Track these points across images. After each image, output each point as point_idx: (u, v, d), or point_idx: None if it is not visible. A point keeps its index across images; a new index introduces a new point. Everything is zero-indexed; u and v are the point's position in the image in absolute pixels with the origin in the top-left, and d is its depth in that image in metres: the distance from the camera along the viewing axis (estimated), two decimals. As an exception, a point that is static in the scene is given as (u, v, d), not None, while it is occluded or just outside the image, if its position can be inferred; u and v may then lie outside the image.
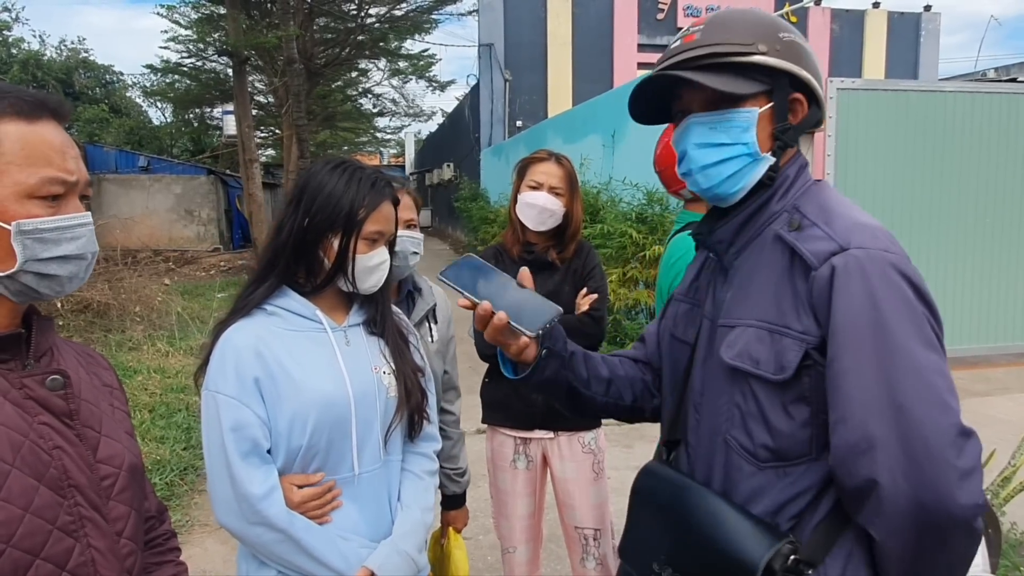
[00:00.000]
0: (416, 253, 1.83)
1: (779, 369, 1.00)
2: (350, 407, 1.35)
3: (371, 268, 1.38)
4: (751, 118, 1.07)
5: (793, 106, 1.09)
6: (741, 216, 1.11)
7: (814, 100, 1.11)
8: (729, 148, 1.08)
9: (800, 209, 1.07)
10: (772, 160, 1.08)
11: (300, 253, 1.36)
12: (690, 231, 1.25)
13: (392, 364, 1.44)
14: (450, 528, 2.07)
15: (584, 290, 2.18)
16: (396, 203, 1.43)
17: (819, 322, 0.98)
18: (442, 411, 2.02)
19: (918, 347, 0.93)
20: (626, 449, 4.44)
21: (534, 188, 2.13)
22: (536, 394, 1.31)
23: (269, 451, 1.32)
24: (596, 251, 2.31)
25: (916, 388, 0.91)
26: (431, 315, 1.96)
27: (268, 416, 1.31)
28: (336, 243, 1.34)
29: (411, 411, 1.46)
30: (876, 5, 18.78)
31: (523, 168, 2.20)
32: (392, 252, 1.46)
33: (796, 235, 1.04)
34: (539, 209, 2.11)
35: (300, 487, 1.33)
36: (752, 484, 1.05)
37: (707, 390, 1.13)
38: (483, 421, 2.31)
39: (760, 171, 1.08)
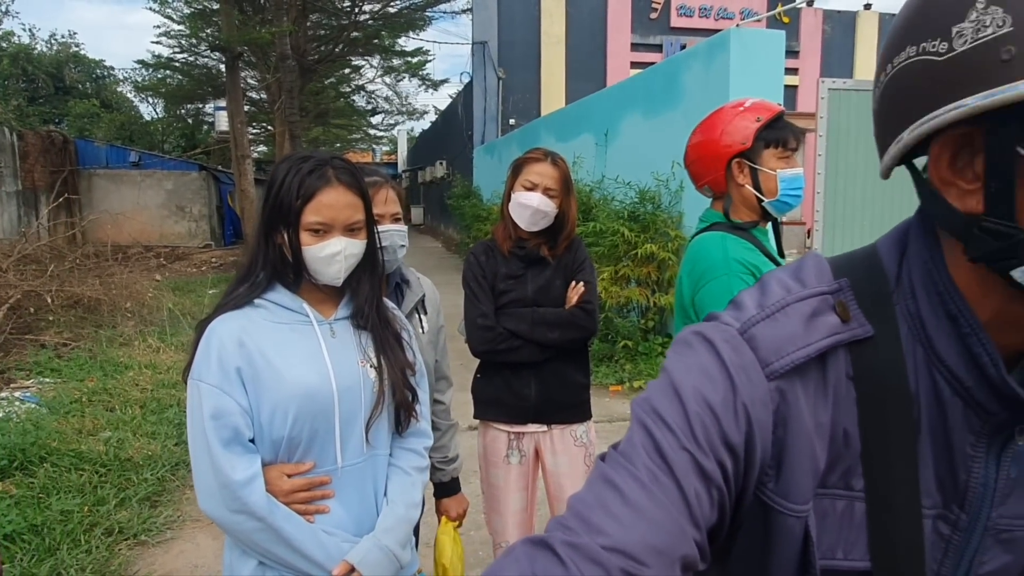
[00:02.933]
0: (403, 246, 1.84)
1: None
2: (333, 399, 1.35)
3: (323, 259, 1.35)
4: None
5: None
6: None
7: None
8: None
9: None
10: None
11: (267, 250, 1.37)
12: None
13: (380, 358, 1.44)
14: (442, 517, 2.08)
15: (574, 283, 2.20)
16: (359, 190, 1.38)
17: None
18: (433, 401, 2.03)
19: None
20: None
21: (528, 189, 2.13)
22: None
23: (252, 440, 1.32)
24: (585, 245, 2.32)
25: None
26: (420, 306, 1.96)
27: (251, 405, 1.31)
28: (286, 237, 1.34)
29: (396, 406, 1.46)
30: (868, 7, 18.87)
31: (518, 166, 2.20)
32: (373, 243, 1.44)
33: None
34: (532, 210, 2.12)
35: (290, 476, 1.34)
36: None
37: None
38: (475, 416, 2.32)
39: None
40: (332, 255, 1.35)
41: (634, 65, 16.27)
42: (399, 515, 1.44)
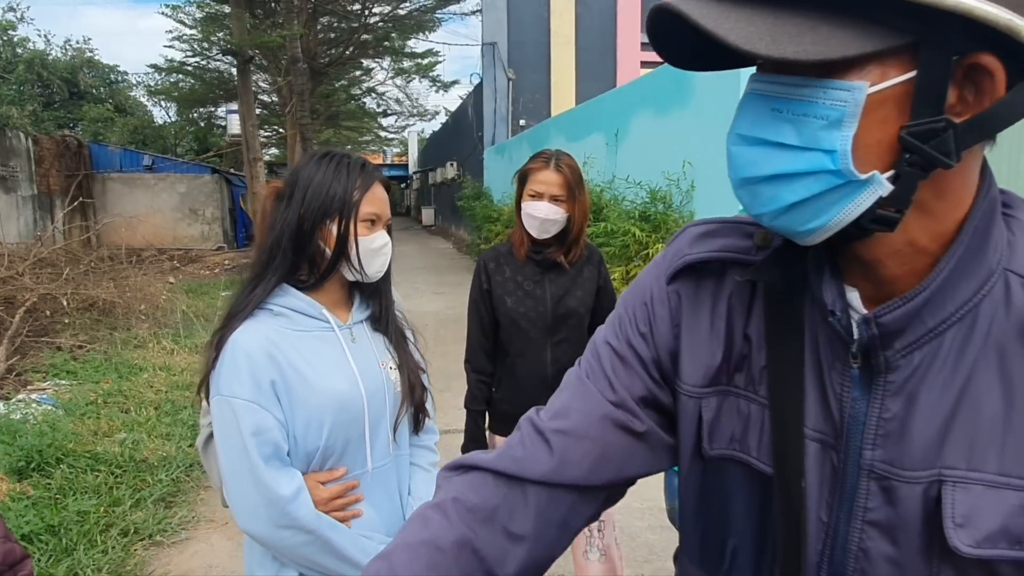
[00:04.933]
0: None
1: None
2: (363, 405, 1.36)
3: (374, 251, 1.37)
4: (850, 102, 0.54)
5: (966, 80, 0.54)
6: (933, 288, 0.60)
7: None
8: (797, 156, 0.57)
9: None
10: (886, 187, 0.56)
11: (299, 246, 1.35)
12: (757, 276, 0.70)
13: (397, 359, 1.46)
14: None
15: None
16: (387, 187, 1.44)
17: None
18: None
19: None
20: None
21: (535, 198, 2.11)
22: None
23: (288, 453, 1.31)
24: (605, 262, 2.32)
25: None
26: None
27: (285, 419, 1.30)
28: (335, 229, 1.34)
29: (415, 405, 1.48)
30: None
31: (523, 176, 2.18)
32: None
33: None
34: (540, 220, 2.11)
35: (324, 483, 1.34)
36: None
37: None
38: (491, 431, 2.32)
39: (861, 204, 0.57)
40: (381, 247, 1.39)
41: (644, 64, 16.23)
42: None
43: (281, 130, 20.87)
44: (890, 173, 0.56)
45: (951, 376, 0.61)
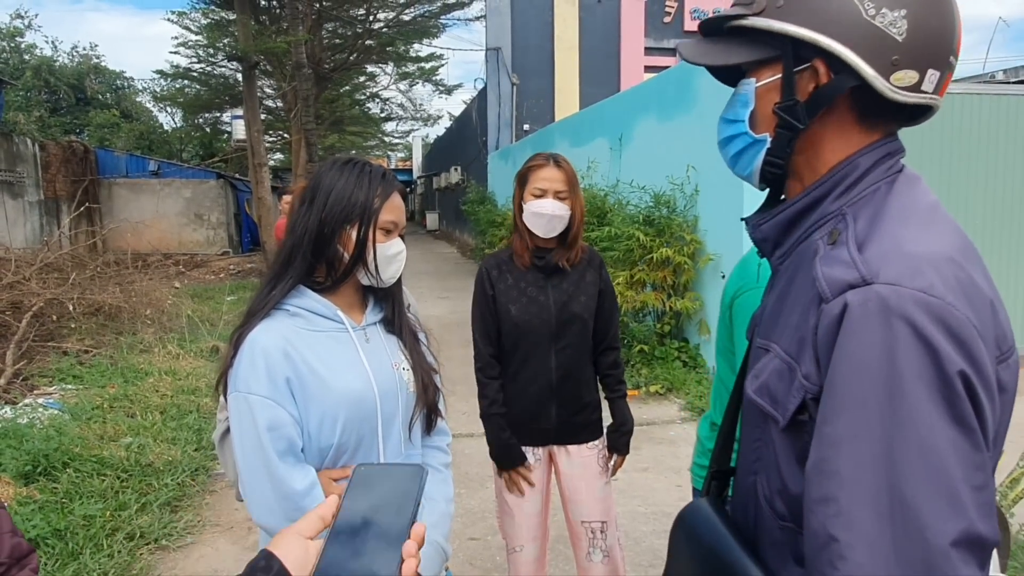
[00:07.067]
0: None
1: (784, 412, 0.82)
2: (376, 404, 1.38)
3: (391, 257, 1.41)
4: (748, 91, 0.91)
5: (804, 76, 0.86)
6: (788, 212, 0.91)
7: (848, 66, 0.82)
8: (731, 125, 0.94)
9: (847, 217, 0.84)
10: (767, 142, 0.90)
11: (318, 248, 1.38)
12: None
13: (410, 360, 1.49)
14: None
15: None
16: (403, 196, 1.47)
17: (820, 367, 0.77)
18: None
19: (940, 422, 0.70)
20: (633, 451, 4.43)
21: (538, 196, 2.12)
22: None
23: (302, 450, 1.34)
24: (605, 265, 2.32)
25: (923, 475, 0.69)
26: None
27: (299, 416, 1.33)
28: (354, 234, 1.38)
29: (428, 405, 1.50)
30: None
31: (524, 175, 2.18)
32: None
33: (826, 252, 0.82)
34: (548, 217, 2.11)
35: (335, 480, 1.36)
36: (776, 540, 0.88)
37: (745, 420, 0.97)
38: None
39: (761, 154, 0.91)
40: (397, 253, 1.43)
41: (648, 69, 16.23)
42: (441, 511, 1.50)
43: (286, 135, 20.96)
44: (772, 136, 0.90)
45: (783, 283, 0.91)
